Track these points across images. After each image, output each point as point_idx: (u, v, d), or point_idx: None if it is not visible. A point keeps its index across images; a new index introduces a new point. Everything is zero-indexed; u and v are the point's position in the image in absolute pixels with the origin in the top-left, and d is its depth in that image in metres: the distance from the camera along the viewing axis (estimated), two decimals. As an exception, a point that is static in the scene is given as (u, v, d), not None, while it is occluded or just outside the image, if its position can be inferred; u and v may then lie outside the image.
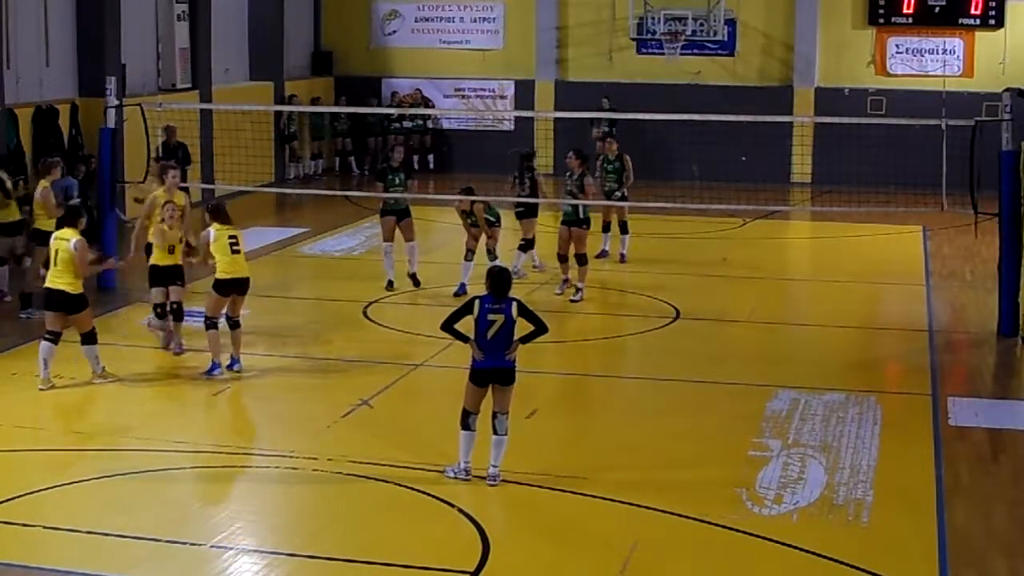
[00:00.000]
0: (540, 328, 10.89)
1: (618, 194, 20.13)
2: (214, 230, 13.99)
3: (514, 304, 10.81)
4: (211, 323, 13.98)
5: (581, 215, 17.77)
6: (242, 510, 10.42)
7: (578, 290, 17.74)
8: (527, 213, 18.88)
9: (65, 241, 13.27)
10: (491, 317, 10.72)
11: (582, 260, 17.77)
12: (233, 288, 13.93)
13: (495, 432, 10.81)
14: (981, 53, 28.55)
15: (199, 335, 14.39)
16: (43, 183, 16.67)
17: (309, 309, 17.59)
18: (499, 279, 10.88)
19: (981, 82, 27.91)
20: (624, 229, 20.50)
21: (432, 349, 14.98)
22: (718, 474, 11.13)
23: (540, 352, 15.67)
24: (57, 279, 13.21)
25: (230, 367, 13.97)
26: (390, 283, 18.25)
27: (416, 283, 18.19)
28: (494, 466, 10.80)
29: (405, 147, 30.51)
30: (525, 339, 10.84)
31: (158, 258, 14.67)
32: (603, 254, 20.48)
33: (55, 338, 13.27)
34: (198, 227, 15.38)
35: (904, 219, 22.61)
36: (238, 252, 13.91)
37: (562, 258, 17.94)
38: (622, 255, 20.45)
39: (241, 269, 14.00)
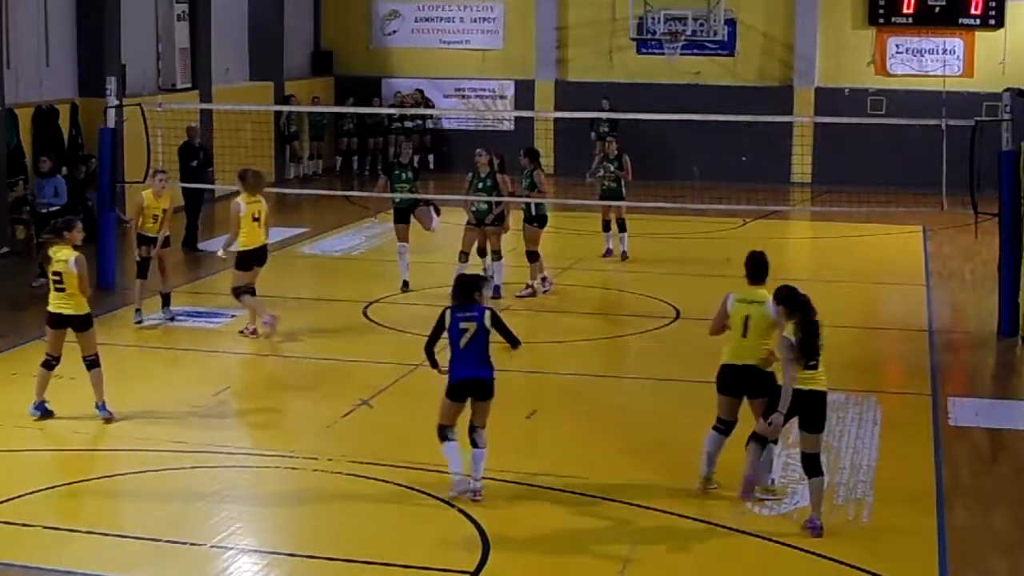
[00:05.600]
0: (512, 343, 10.60)
1: (621, 192, 20.22)
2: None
3: (487, 313, 10.48)
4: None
5: (533, 212, 18.00)
6: (242, 510, 10.42)
7: (528, 286, 17.86)
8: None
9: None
10: (463, 326, 10.40)
11: (533, 257, 17.97)
12: None
13: (474, 445, 10.52)
14: (981, 53, 28.55)
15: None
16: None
17: (309, 309, 17.58)
18: (462, 286, 10.57)
19: (981, 82, 27.90)
20: (622, 227, 20.58)
21: (432, 349, 14.97)
22: (718, 474, 11.11)
23: (540, 352, 15.67)
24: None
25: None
26: (405, 284, 18.20)
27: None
28: (476, 480, 10.52)
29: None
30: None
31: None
32: (608, 253, 20.64)
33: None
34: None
35: (904, 219, 22.61)
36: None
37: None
38: (623, 253, 20.53)
39: None
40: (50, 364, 12.52)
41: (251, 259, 15.59)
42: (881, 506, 10.52)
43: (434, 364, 10.64)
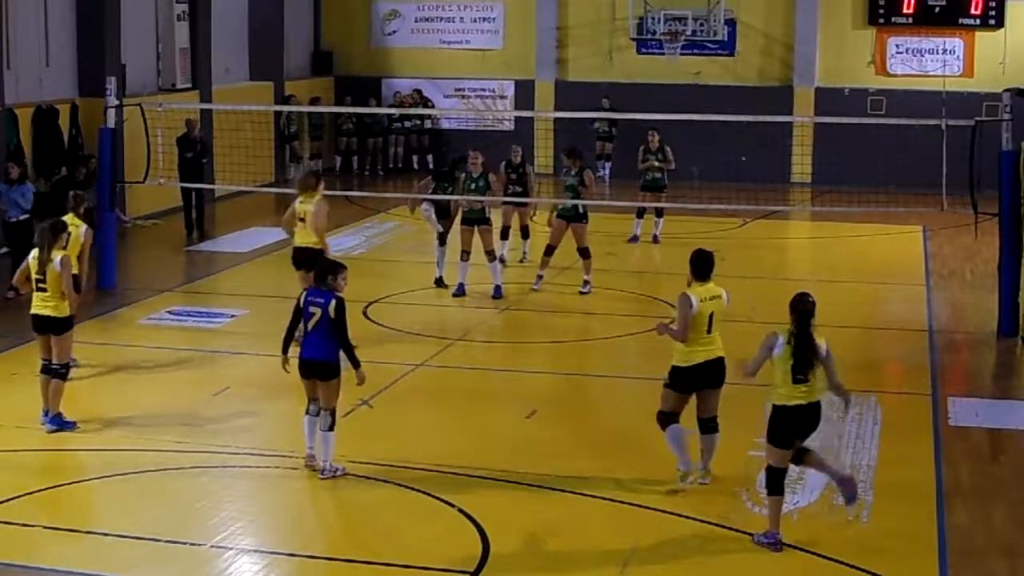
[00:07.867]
0: (341, 340, 10.89)
1: (664, 183, 21.76)
2: None
3: (333, 301, 10.88)
4: None
5: (580, 210, 18.02)
6: (242, 510, 10.42)
7: (586, 283, 18.07)
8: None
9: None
10: (311, 309, 10.92)
11: (585, 254, 18.03)
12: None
13: (320, 428, 10.97)
14: (981, 53, 28.55)
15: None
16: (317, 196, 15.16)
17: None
18: (318, 270, 11.23)
19: (981, 82, 27.91)
20: (660, 213, 21.79)
21: (432, 349, 14.98)
22: (718, 474, 11.11)
23: (540, 352, 15.68)
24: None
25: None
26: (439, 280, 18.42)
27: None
28: (324, 461, 10.94)
29: (405, 147, 30.89)
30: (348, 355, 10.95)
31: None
32: (635, 239, 21.76)
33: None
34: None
35: (904, 219, 22.61)
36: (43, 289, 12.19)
37: (550, 250, 18.12)
38: (656, 236, 21.79)
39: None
40: (48, 369, 12.44)
41: (293, 259, 15.20)
42: (881, 506, 10.52)
43: (285, 351, 11.19)
